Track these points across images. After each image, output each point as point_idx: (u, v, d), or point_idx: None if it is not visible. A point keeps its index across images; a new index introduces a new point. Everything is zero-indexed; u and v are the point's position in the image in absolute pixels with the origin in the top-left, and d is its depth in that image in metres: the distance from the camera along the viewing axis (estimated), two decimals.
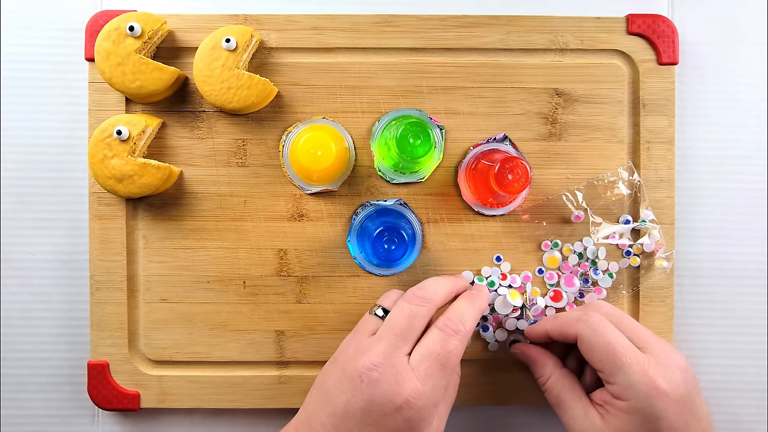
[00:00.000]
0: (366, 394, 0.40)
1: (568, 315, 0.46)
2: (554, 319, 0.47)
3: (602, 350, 0.42)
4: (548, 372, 0.47)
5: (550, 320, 0.47)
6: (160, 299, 0.52)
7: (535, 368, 0.48)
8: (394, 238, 0.49)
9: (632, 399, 0.41)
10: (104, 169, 0.48)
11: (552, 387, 0.46)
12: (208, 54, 0.49)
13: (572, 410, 0.44)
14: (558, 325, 0.46)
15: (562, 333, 0.45)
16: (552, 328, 0.47)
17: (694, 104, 0.54)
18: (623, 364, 0.41)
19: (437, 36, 0.52)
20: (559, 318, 0.46)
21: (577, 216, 0.52)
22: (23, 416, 0.54)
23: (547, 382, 0.47)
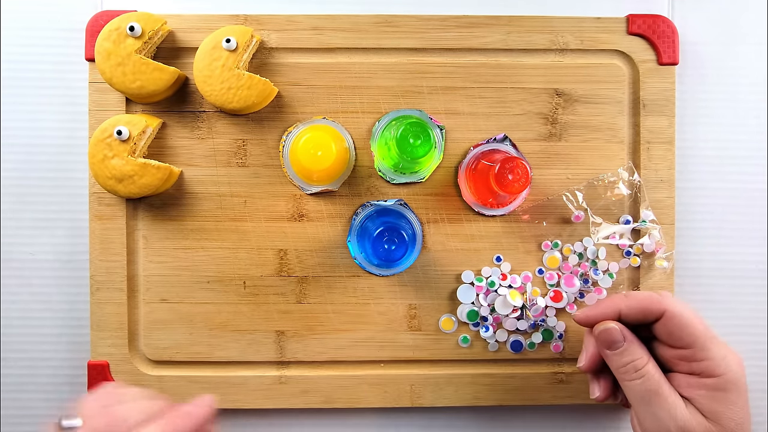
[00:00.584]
0: None
1: (644, 293, 0.42)
2: (626, 297, 0.42)
3: (696, 324, 0.40)
4: (646, 355, 0.42)
5: (621, 298, 0.42)
6: (160, 299, 0.52)
7: (631, 348, 0.42)
8: (395, 239, 0.49)
9: (727, 372, 0.39)
10: (104, 169, 0.48)
11: (653, 372, 0.41)
12: (208, 54, 0.49)
13: (673, 396, 0.40)
14: (637, 302, 0.41)
15: (644, 310, 0.41)
16: (629, 306, 0.42)
17: (695, 104, 0.54)
18: (713, 336, 0.40)
19: (437, 36, 0.52)
20: (634, 296, 0.42)
21: (578, 216, 0.52)
22: (23, 416, 0.54)
23: (646, 367, 0.41)
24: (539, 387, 0.52)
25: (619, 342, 0.42)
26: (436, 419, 0.55)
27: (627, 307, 0.42)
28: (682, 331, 0.40)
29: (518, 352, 0.52)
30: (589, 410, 0.54)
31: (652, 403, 0.40)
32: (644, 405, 0.41)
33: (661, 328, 0.41)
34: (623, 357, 0.42)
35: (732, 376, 0.40)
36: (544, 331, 0.52)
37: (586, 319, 0.44)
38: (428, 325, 0.52)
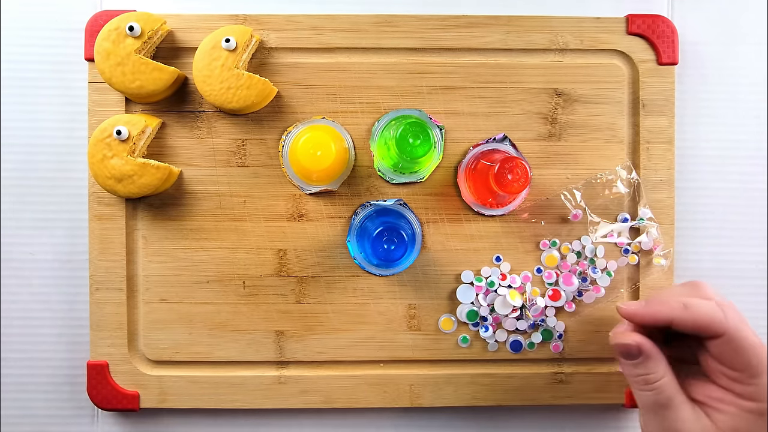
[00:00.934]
0: None
1: (706, 307, 0.39)
2: (685, 309, 0.40)
3: (752, 352, 0.38)
4: (663, 370, 0.41)
5: (680, 309, 0.40)
6: (159, 299, 0.52)
7: (647, 363, 0.41)
8: (394, 238, 0.49)
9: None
10: (104, 169, 0.48)
11: (666, 387, 0.40)
12: (207, 54, 0.49)
13: (682, 411, 0.40)
14: (694, 320, 0.39)
15: (702, 328, 0.39)
16: (683, 320, 0.40)
17: (694, 104, 0.54)
18: (765, 361, 0.38)
19: (437, 36, 0.52)
20: (695, 310, 0.39)
21: (576, 215, 0.52)
22: (23, 416, 0.54)
23: (661, 381, 0.40)
24: (539, 387, 0.52)
25: (635, 357, 0.41)
26: (436, 419, 0.55)
27: (681, 320, 0.40)
28: (737, 356, 0.39)
29: (518, 352, 0.52)
30: (589, 410, 0.54)
31: (659, 414, 0.40)
32: (651, 413, 0.41)
33: (714, 346, 0.39)
34: (636, 369, 0.41)
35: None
36: (543, 331, 0.52)
37: (632, 316, 0.42)
38: (428, 325, 0.52)
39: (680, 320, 0.40)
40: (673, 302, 0.40)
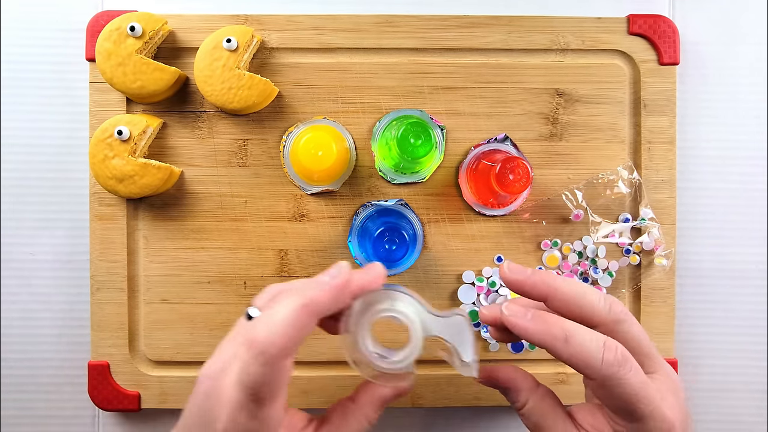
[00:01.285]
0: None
1: (588, 347, 0.35)
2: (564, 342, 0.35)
3: (628, 401, 0.35)
4: (524, 397, 0.39)
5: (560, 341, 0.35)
6: (160, 300, 0.52)
7: (510, 395, 0.40)
8: (395, 239, 0.49)
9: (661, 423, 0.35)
10: (105, 170, 0.48)
11: (530, 413, 0.39)
12: (209, 54, 0.49)
13: None
14: (571, 355, 0.35)
15: (575, 366, 0.35)
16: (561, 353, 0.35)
17: (695, 104, 0.54)
18: (643, 414, 0.35)
19: (438, 36, 0.52)
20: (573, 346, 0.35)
21: (577, 215, 0.52)
22: (23, 416, 0.54)
23: (524, 409, 0.39)
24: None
25: (495, 387, 0.40)
26: (436, 419, 0.55)
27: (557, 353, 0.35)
28: (613, 401, 0.36)
29: (519, 352, 0.52)
30: None
31: None
32: None
33: (593, 385, 0.36)
34: (508, 399, 0.40)
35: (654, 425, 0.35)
36: None
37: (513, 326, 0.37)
38: None
39: (556, 353, 0.36)
40: (555, 329, 0.36)
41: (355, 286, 0.35)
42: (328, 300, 0.34)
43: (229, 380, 0.33)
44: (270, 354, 0.32)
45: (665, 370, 0.37)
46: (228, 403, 0.33)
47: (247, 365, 0.32)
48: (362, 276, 0.36)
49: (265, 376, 0.32)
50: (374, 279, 0.36)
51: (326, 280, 0.34)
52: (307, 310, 0.33)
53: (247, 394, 0.32)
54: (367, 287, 0.36)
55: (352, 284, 0.35)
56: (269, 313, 0.33)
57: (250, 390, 0.32)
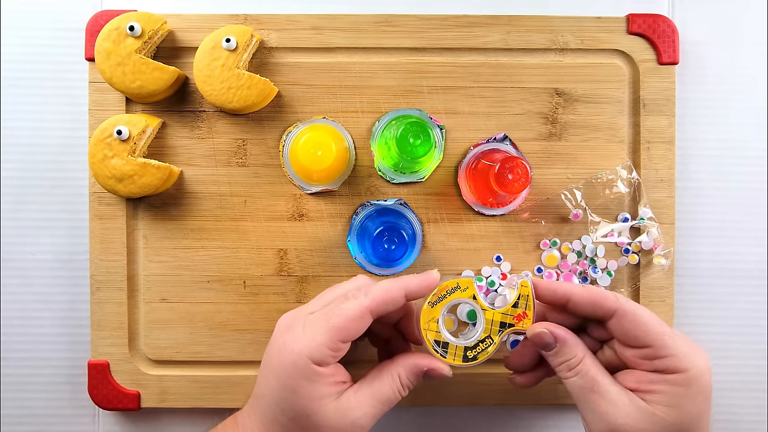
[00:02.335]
0: (272, 338, 0.42)
1: (602, 289, 0.41)
2: (583, 288, 0.41)
3: (650, 322, 0.39)
4: (581, 352, 0.41)
5: (578, 287, 0.42)
6: (160, 299, 0.52)
7: (563, 349, 0.41)
8: (395, 238, 0.49)
9: (691, 367, 0.39)
10: (104, 169, 0.48)
11: (588, 369, 0.40)
12: (208, 54, 0.49)
13: (611, 393, 0.39)
14: (591, 294, 0.41)
15: (596, 304, 0.40)
16: (582, 297, 0.41)
17: (695, 104, 0.54)
18: (674, 334, 0.39)
19: (437, 36, 0.52)
20: (590, 288, 0.41)
21: (576, 214, 0.52)
22: (23, 416, 0.54)
23: (581, 364, 0.41)
24: (539, 387, 0.52)
25: (551, 344, 0.41)
26: (436, 419, 0.55)
27: (579, 296, 0.41)
28: (636, 330, 0.40)
29: None
30: None
31: (589, 401, 0.40)
32: (582, 403, 0.41)
33: (615, 328, 0.41)
34: (556, 358, 0.42)
35: (696, 372, 0.39)
36: None
37: (534, 285, 0.43)
38: None
39: (578, 296, 0.41)
40: (569, 283, 0.42)
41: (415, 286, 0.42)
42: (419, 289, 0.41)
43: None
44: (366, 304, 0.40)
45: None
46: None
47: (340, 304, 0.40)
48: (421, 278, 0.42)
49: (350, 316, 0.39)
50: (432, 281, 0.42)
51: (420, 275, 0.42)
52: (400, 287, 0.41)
53: (327, 325, 0.39)
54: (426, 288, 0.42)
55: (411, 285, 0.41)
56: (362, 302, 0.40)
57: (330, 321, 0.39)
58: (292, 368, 0.39)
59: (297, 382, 0.39)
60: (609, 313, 0.40)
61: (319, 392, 0.39)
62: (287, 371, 0.39)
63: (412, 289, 0.41)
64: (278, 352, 0.40)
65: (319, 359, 0.39)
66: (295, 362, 0.39)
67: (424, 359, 0.42)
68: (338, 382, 0.40)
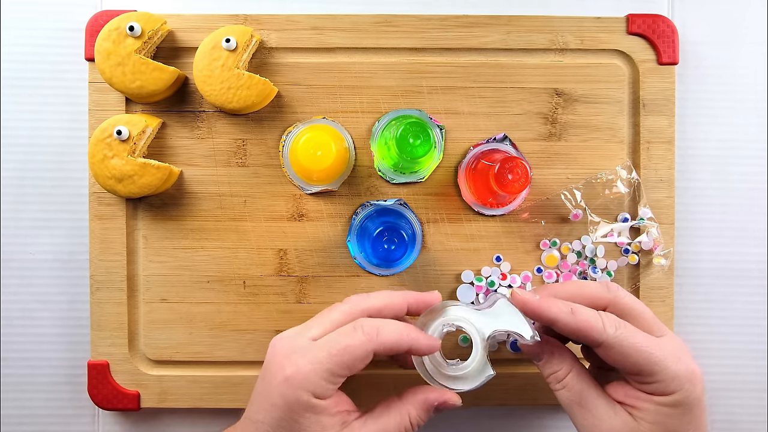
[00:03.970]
0: (266, 359, 0.41)
1: (588, 317, 0.40)
2: (571, 314, 0.40)
3: (639, 354, 0.39)
4: (568, 365, 0.41)
5: (565, 313, 0.40)
6: (160, 299, 0.52)
7: (551, 361, 0.42)
8: (394, 238, 0.49)
9: (678, 390, 0.38)
10: (104, 169, 0.48)
11: (574, 383, 0.41)
12: (208, 54, 0.49)
13: (598, 408, 0.40)
14: (577, 326, 0.39)
15: (580, 335, 0.40)
16: (568, 323, 0.40)
17: (695, 104, 0.54)
18: (662, 358, 0.39)
19: (437, 36, 0.52)
20: (578, 316, 0.40)
21: (576, 215, 0.52)
22: (23, 416, 0.54)
23: (568, 377, 0.41)
24: (539, 387, 0.52)
25: (539, 355, 0.42)
26: (436, 419, 0.54)
27: (565, 324, 0.40)
28: (623, 361, 0.39)
29: (518, 351, 0.52)
30: None
31: (576, 414, 0.41)
32: (570, 414, 0.41)
33: (602, 355, 0.40)
34: (545, 369, 0.42)
35: (683, 395, 0.39)
36: None
37: (521, 304, 0.41)
38: None
39: (564, 323, 0.40)
40: (562, 303, 0.40)
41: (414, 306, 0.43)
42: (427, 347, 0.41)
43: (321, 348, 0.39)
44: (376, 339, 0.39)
45: (670, 334, 0.41)
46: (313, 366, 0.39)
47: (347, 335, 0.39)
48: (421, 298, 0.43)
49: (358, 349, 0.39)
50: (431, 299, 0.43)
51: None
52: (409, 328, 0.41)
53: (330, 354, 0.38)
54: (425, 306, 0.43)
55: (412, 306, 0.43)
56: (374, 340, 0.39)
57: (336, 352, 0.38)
58: (294, 402, 0.38)
59: (300, 414, 0.38)
60: (595, 344, 0.40)
61: (323, 423, 0.39)
62: (289, 404, 0.38)
63: (422, 345, 0.41)
64: (279, 384, 0.39)
65: (322, 393, 0.39)
66: (299, 397, 0.38)
67: (433, 393, 0.42)
68: (342, 411, 0.40)
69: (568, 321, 0.40)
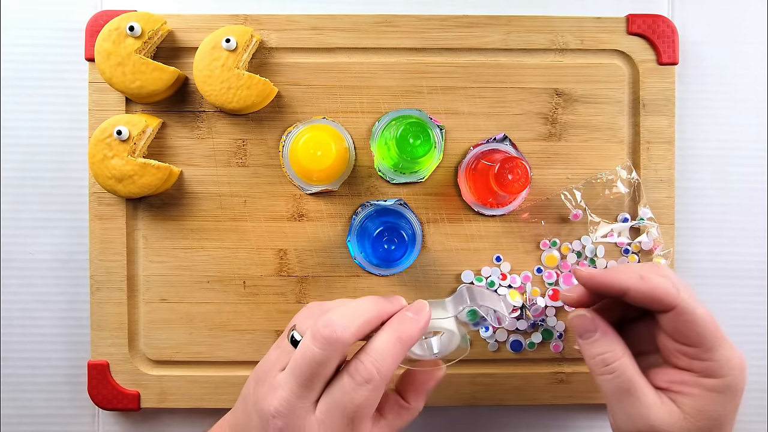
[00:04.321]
0: (250, 391, 0.38)
1: (661, 281, 0.38)
2: (641, 279, 0.38)
3: (704, 325, 0.38)
4: (621, 349, 0.39)
5: (635, 279, 0.39)
6: (160, 299, 0.52)
7: (603, 340, 0.40)
8: (394, 238, 0.49)
9: (729, 375, 0.38)
10: (104, 169, 0.48)
11: (625, 368, 0.39)
12: (208, 54, 0.49)
13: (647, 396, 0.38)
14: (650, 290, 0.38)
15: (655, 299, 0.38)
16: (638, 290, 0.38)
17: (695, 104, 0.54)
18: (722, 338, 0.38)
19: (437, 36, 0.52)
20: (649, 280, 0.38)
21: (576, 215, 0.52)
22: (23, 416, 0.54)
23: (618, 362, 0.39)
24: (539, 387, 0.52)
25: (591, 332, 0.40)
26: (436, 418, 0.55)
27: (636, 290, 0.38)
28: (690, 330, 0.38)
29: (518, 351, 0.52)
30: (589, 410, 0.55)
31: (623, 401, 0.39)
32: (615, 401, 0.39)
33: (668, 321, 0.39)
34: (593, 348, 0.40)
35: (732, 380, 0.38)
36: (543, 330, 0.52)
37: (590, 279, 0.40)
38: None
39: (635, 289, 0.39)
40: (630, 272, 0.39)
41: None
42: (419, 335, 0.38)
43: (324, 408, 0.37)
44: (377, 384, 0.37)
45: None
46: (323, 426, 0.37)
47: (353, 397, 0.36)
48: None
49: (368, 405, 0.37)
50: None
51: (413, 317, 0.39)
52: (404, 346, 0.38)
53: (348, 418, 0.36)
54: None
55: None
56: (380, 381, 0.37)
57: (351, 414, 0.36)
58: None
59: None
60: (668, 308, 0.38)
61: None
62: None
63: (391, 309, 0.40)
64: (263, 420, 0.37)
65: None
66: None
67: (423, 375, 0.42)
68: None
69: (640, 287, 0.38)
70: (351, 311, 0.37)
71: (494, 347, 0.52)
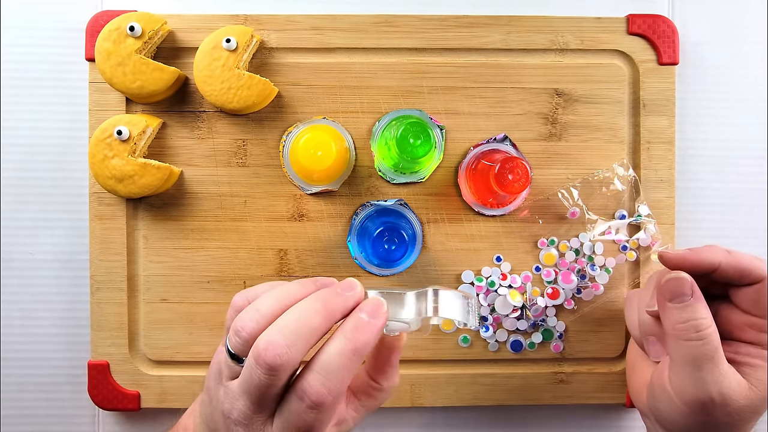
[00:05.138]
0: (215, 399, 0.37)
1: (748, 255, 0.40)
2: (729, 253, 0.40)
3: None
4: (710, 319, 0.39)
5: (723, 253, 0.40)
6: (160, 299, 0.52)
7: (697, 306, 0.39)
8: (395, 238, 0.49)
9: None
10: (105, 169, 0.48)
11: (715, 336, 0.38)
12: (208, 54, 0.49)
13: (724, 365, 0.38)
14: (739, 262, 0.40)
15: (744, 271, 0.40)
16: (729, 263, 0.40)
17: (695, 104, 0.54)
18: None
19: (437, 36, 0.52)
20: (737, 254, 0.40)
21: (573, 213, 0.52)
22: (23, 416, 0.54)
23: (710, 328, 0.38)
24: (539, 387, 0.52)
25: (686, 296, 0.39)
26: (436, 419, 0.55)
27: (727, 264, 0.40)
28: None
29: (518, 352, 0.52)
30: (589, 410, 0.55)
31: (703, 368, 0.38)
32: (691, 367, 0.38)
33: (747, 294, 0.40)
34: (685, 312, 0.39)
35: None
36: (544, 330, 0.52)
37: (680, 260, 0.41)
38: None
39: (727, 263, 0.40)
40: (715, 249, 0.41)
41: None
42: (375, 341, 0.35)
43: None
44: (329, 405, 0.34)
45: None
46: None
47: (304, 418, 0.34)
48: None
49: (322, 423, 0.34)
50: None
51: (368, 320, 0.35)
52: (359, 356, 0.34)
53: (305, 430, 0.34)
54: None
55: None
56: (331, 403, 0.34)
57: (307, 429, 0.34)
58: None
59: None
60: (757, 280, 0.40)
61: None
62: None
63: None
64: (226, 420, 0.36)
65: None
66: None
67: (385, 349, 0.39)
68: None
69: (730, 261, 0.40)
70: (294, 321, 0.34)
71: (494, 347, 0.52)
